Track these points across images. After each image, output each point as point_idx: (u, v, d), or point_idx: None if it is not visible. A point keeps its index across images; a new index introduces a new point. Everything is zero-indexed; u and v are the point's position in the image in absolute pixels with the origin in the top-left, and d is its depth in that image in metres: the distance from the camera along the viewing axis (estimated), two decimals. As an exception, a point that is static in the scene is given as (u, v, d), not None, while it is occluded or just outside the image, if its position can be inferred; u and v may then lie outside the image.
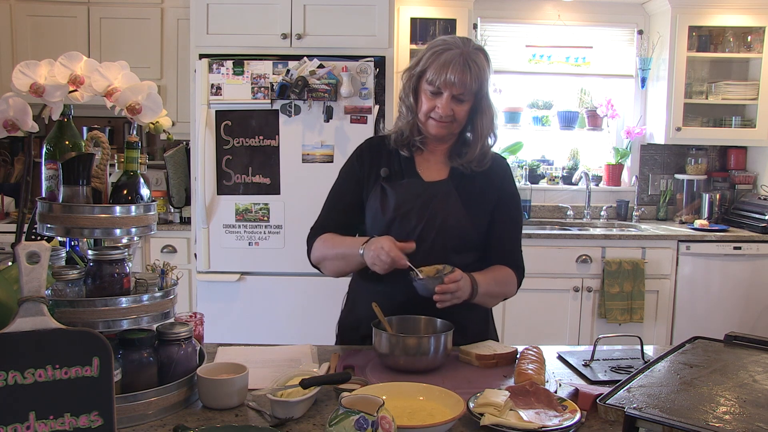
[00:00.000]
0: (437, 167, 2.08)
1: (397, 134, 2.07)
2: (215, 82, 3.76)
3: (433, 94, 1.95)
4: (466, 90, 1.93)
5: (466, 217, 2.01)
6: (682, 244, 4.36)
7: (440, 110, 1.94)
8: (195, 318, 1.85)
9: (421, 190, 2.02)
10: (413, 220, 1.98)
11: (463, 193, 2.03)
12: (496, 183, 2.08)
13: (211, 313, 2.53)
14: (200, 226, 3.85)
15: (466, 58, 1.91)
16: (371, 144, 2.15)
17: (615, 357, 1.91)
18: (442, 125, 1.98)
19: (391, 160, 2.08)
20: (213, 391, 1.50)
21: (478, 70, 1.93)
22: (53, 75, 1.54)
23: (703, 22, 4.65)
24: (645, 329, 4.30)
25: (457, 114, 1.96)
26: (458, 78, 1.90)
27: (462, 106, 1.96)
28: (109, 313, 1.44)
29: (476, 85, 1.93)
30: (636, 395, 1.37)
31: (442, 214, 1.98)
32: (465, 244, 2.03)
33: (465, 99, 1.95)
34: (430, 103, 1.96)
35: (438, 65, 1.92)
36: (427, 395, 1.52)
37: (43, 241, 1.53)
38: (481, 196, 2.05)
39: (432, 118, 1.98)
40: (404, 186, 2.03)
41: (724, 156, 5.13)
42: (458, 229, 2.00)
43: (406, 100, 2.04)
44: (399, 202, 1.99)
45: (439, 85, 1.92)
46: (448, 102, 1.93)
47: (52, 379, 1.17)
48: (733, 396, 1.37)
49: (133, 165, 1.60)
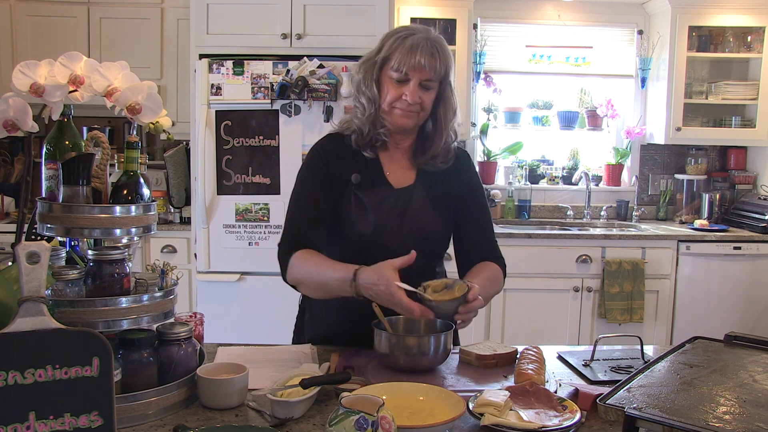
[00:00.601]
0: (403, 170, 2.01)
1: (357, 134, 1.97)
2: (215, 82, 3.76)
3: (400, 82, 1.87)
4: (435, 74, 1.86)
5: (440, 223, 1.99)
6: (682, 244, 4.36)
7: (408, 97, 1.86)
8: (195, 318, 1.85)
9: (394, 200, 1.96)
10: (393, 234, 1.93)
11: (433, 197, 1.99)
12: (462, 179, 2.04)
13: (211, 313, 2.53)
14: (200, 226, 3.85)
15: (432, 42, 1.86)
16: (332, 143, 2.02)
17: (615, 357, 1.90)
18: (409, 114, 1.90)
19: (357, 163, 1.97)
20: (213, 391, 1.50)
21: (445, 55, 1.87)
22: (53, 75, 1.54)
23: (703, 22, 4.66)
24: (645, 329, 4.30)
25: (425, 102, 1.89)
26: (427, 61, 1.83)
27: (429, 94, 1.90)
28: (109, 313, 1.44)
29: (443, 70, 1.87)
30: (636, 395, 1.37)
31: (419, 225, 1.95)
32: (440, 251, 2.06)
33: (431, 86, 1.89)
34: (396, 92, 1.87)
35: (404, 50, 1.84)
36: (427, 395, 1.52)
37: (43, 241, 1.53)
38: (447, 198, 2.01)
39: (397, 108, 1.89)
40: (379, 196, 1.95)
41: (724, 156, 5.13)
42: (435, 238, 2.00)
43: (366, 92, 1.93)
44: (377, 215, 1.93)
45: (407, 71, 1.84)
46: (416, 88, 1.86)
47: (52, 379, 1.17)
48: (733, 396, 1.37)
49: (133, 165, 1.60)
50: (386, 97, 1.90)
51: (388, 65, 1.88)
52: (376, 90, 1.92)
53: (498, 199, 4.91)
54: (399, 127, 1.94)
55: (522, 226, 4.69)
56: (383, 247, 1.88)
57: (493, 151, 4.99)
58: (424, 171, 2.00)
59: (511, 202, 4.93)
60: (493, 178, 5.01)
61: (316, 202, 1.96)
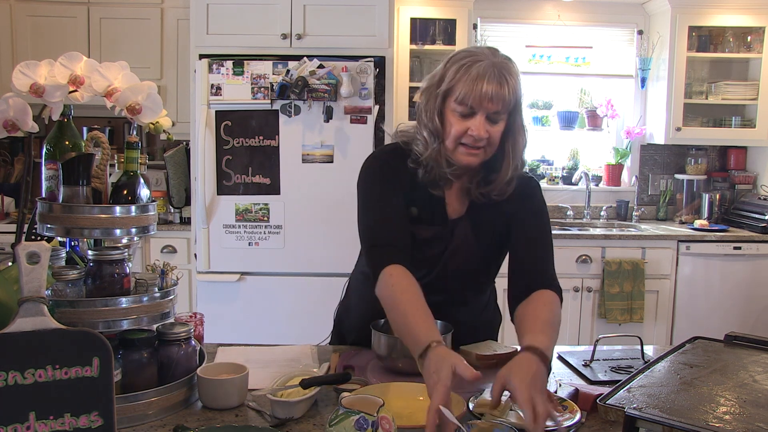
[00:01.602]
0: (458, 200, 1.86)
1: (425, 170, 1.79)
2: (215, 82, 3.76)
3: (464, 116, 1.68)
4: (503, 106, 1.68)
5: (480, 255, 1.87)
6: (682, 244, 4.36)
7: (474, 131, 1.67)
8: (195, 318, 1.85)
9: (443, 233, 1.84)
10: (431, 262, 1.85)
11: (478, 228, 1.86)
12: (512, 205, 1.84)
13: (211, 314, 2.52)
14: (200, 227, 3.85)
15: (499, 69, 1.66)
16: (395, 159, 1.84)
17: (615, 357, 1.91)
18: (475, 152, 1.71)
19: (417, 193, 1.81)
20: (213, 391, 1.50)
21: (514, 83, 1.68)
22: (53, 75, 1.54)
23: (703, 22, 4.65)
24: (645, 329, 4.30)
25: (492, 136, 1.70)
26: (495, 91, 1.64)
27: (497, 127, 1.71)
28: (109, 313, 1.44)
29: (513, 99, 1.69)
30: (636, 395, 1.37)
31: (458, 258, 1.85)
32: (480, 282, 1.96)
33: (500, 118, 1.70)
34: (461, 126, 1.69)
35: (469, 80, 1.65)
36: (426, 395, 1.52)
37: (43, 241, 1.53)
38: (493, 227, 1.86)
39: (463, 144, 1.71)
40: (430, 232, 1.83)
41: (724, 156, 5.13)
42: (474, 270, 1.90)
43: (429, 125, 1.74)
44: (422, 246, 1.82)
45: (473, 104, 1.66)
46: (482, 122, 1.67)
47: (52, 380, 1.17)
48: (733, 396, 1.37)
49: (133, 165, 1.60)
50: (451, 132, 1.71)
51: (452, 97, 1.69)
52: (440, 123, 1.73)
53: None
54: (465, 166, 1.76)
55: (522, 226, 4.67)
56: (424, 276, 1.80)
57: (493, 151, 4.98)
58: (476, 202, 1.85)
59: (511, 202, 4.92)
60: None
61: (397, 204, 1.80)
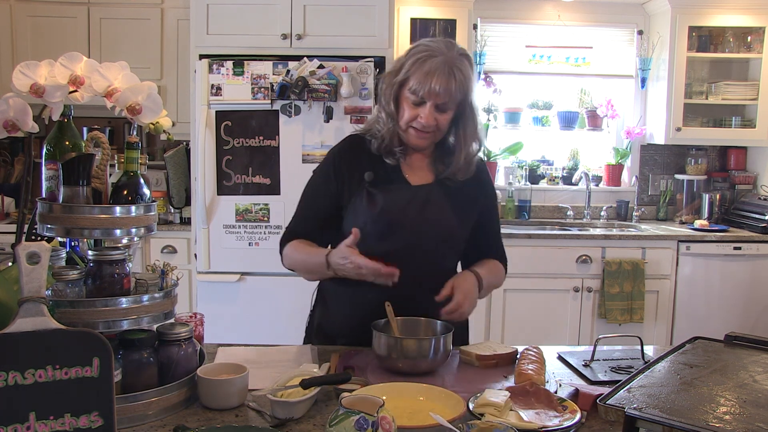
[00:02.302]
0: (422, 172, 2.03)
1: (380, 142, 2.00)
2: (215, 82, 3.76)
3: (416, 104, 1.89)
4: (451, 98, 1.88)
5: (458, 222, 2.00)
6: (682, 244, 4.36)
7: (423, 119, 1.88)
8: (195, 318, 1.85)
9: (410, 195, 1.98)
10: (406, 227, 1.94)
11: (452, 199, 2.00)
12: (481, 188, 2.09)
13: (212, 314, 2.52)
14: (200, 227, 3.85)
15: (450, 66, 1.85)
16: (352, 144, 2.07)
17: (615, 357, 1.91)
18: (423, 135, 1.93)
19: (374, 164, 2.00)
20: (213, 391, 1.50)
21: (462, 79, 1.87)
22: (53, 75, 1.54)
23: (703, 23, 4.65)
24: (645, 329, 4.30)
25: (440, 123, 1.92)
26: (443, 88, 1.84)
27: (445, 115, 1.91)
28: (110, 313, 1.44)
29: (461, 94, 1.89)
30: (636, 395, 1.37)
31: (434, 221, 1.97)
32: (453, 249, 2.06)
33: (448, 108, 1.91)
34: (413, 112, 1.90)
35: (421, 74, 1.85)
36: (427, 395, 1.52)
37: (43, 241, 1.53)
38: (469, 204, 2.04)
39: (413, 128, 1.92)
40: (393, 191, 1.97)
41: (724, 156, 5.13)
42: (450, 236, 2.01)
43: (386, 108, 1.97)
44: (390, 208, 1.95)
45: (423, 95, 1.86)
46: (431, 112, 1.88)
47: (52, 380, 1.17)
48: (733, 396, 1.37)
49: (133, 165, 1.60)
50: (404, 116, 1.93)
51: (407, 86, 1.90)
52: (394, 107, 1.95)
53: (498, 199, 4.89)
54: (414, 147, 1.99)
55: (522, 227, 4.69)
56: (399, 241, 1.93)
57: (493, 152, 4.98)
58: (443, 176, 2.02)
59: (511, 203, 4.93)
60: (493, 178, 4.98)
61: (317, 205, 2.05)
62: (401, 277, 1.82)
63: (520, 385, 1.56)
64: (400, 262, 1.82)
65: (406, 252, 1.92)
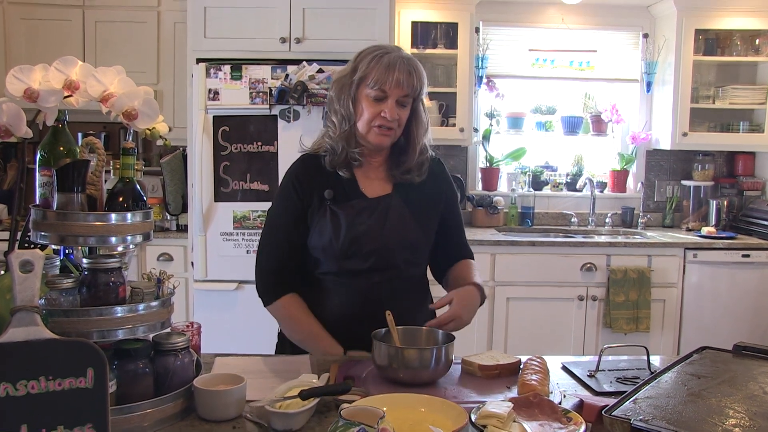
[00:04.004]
0: (379, 183, 2.07)
1: (331, 153, 2.03)
2: (213, 86, 3.77)
3: (377, 100, 1.94)
4: (412, 91, 1.94)
5: (420, 230, 2.06)
6: (689, 251, 4.36)
7: (387, 114, 1.93)
8: (192, 328, 1.85)
9: (370, 209, 2.02)
10: (370, 241, 1.99)
11: (411, 206, 2.05)
12: (439, 187, 2.14)
13: (209, 323, 2.52)
14: (197, 234, 3.85)
15: (407, 60, 1.94)
16: (305, 165, 2.09)
17: (621, 367, 1.90)
18: (386, 133, 1.97)
19: (330, 181, 2.03)
20: (210, 402, 1.50)
21: (419, 74, 1.96)
22: (48, 80, 1.54)
23: (710, 26, 4.66)
24: (651, 339, 4.29)
25: (401, 119, 1.97)
26: (406, 79, 1.91)
27: (404, 111, 1.97)
28: (104, 322, 1.44)
29: (419, 87, 1.96)
30: (642, 407, 1.37)
31: (400, 234, 2.01)
32: (420, 257, 2.11)
33: (407, 104, 1.97)
34: (374, 110, 1.94)
35: (382, 68, 1.92)
36: (428, 407, 1.52)
37: (36, 249, 1.53)
38: (428, 206, 2.10)
39: (375, 126, 1.96)
40: (353, 207, 2.01)
41: (732, 162, 5.13)
42: (415, 244, 2.06)
43: (342, 110, 2.00)
44: (351, 224, 1.98)
45: (386, 88, 1.92)
46: (393, 105, 1.93)
47: (45, 391, 1.16)
48: (742, 408, 1.37)
49: (128, 171, 1.60)
50: (364, 115, 1.97)
51: (365, 83, 1.95)
52: (352, 108, 1.99)
53: (500, 206, 4.91)
54: (376, 146, 2.02)
55: (525, 234, 4.69)
56: (365, 258, 1.98)
57: (495, 157, 4.99)
58: (401, 184, 2.07)
59: (514, 209, 4.93)
60: (495, 184, 5.02)
61: (285, 225, 2.06)
62: (374, 291, 1.98)
63: (524, 396, 1.56)
64: (368, 277, 1.96)
65: (374, 266, 1.99)
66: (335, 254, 1.98)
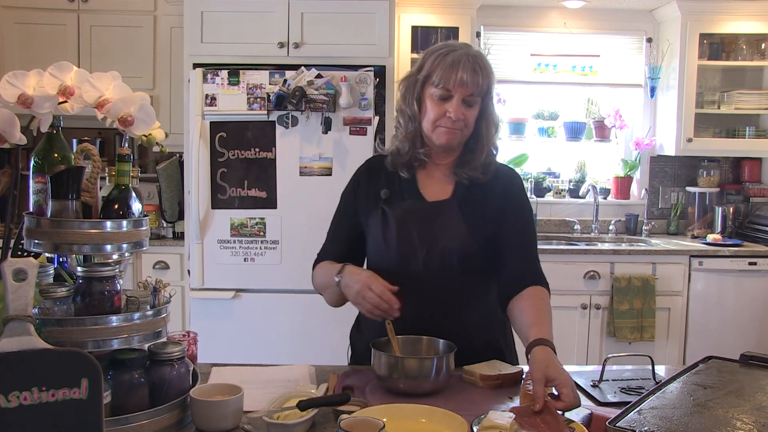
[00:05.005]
0: (441, 185, 2.03)
1: (394, 154, 2.03)
2: (210, 92, 3.77)
3: (442, 99, 1.91)
4: (477, 90, 1.90)
5: (469, 237, 1.96)
6: (694, 259, 4.35)
7: (452, 114, 1.90)
8: (188, 337, 1.85)
9: (423, 213, 1.98)
10: (416, 244, 1.95)
11: (467, 211, 1.98)
12: (500, 194, 2.02)
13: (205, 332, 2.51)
14: (194, 242, 3.85)
15: (473, 58, 1.90)
16: (370, 167, 2.12)
17: (625, 377, 1.90)
18: (453, 132, 1.93)
19: (390, 181, 2.04)
20: (207, 413, 1.49)
21: (487, 71, 1.92)
22: (42, 85, 1.54)
23: (715, 29, 4.67)
24: (656, 348, 4.28)
25: (468, 118, 1.93)
26: (470, 77, 1.88)
27: (472, 111, 1.94)
28: (99, 332, 1.43)
29: (486, 85, 1.92)
30: (647, 418, 1.36)
31: (446, 238, 1.95)
32: (471, 266, 1.99)
33: (474, 102, 1.93)
34: (439, 109, 1.91)
35: (446, 66, 1.89)
36: (429, 417, 1.51)
37: (30, 257, 1.52)
38: (483, 211, 1.99)
39: (441, 126, 1.93)
40: (405, 207, 1.99)
41: (738, 168, 5.13)
42: (467, 253, 1.96)
43: (407, 110, 1.99)
44: (400, 225, 1.96)
45: (450, 87, 1.88)
46: (459, 104, 1.90)
47: (38, 402, 1.16)
48: (750, 420, 1.36)
49: (124, 178, 1.60)
50: (429, 115, 1.94)
51: (430, 82, 1.92)
52: (417, 108, 1.97)
53: None
54: (443, 146, 1.98)
55: (528, 241, 4.67)
56: (409, 261, 1.95)
57: (497, 163, 4.99)
58: (462, 184, 2.01)
59: (517, 216, 4.92)
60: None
61: (343, 228, 2.11)
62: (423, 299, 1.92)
63: (526, 405, 1.55)
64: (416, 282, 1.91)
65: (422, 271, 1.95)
66: (385, 255, 1.98)
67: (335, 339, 2.43)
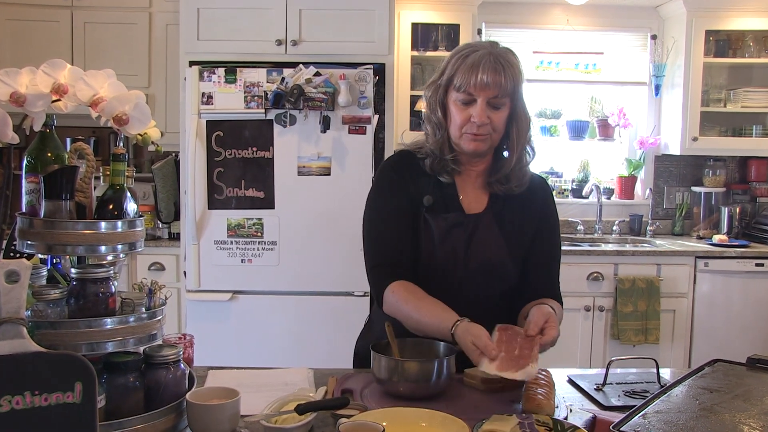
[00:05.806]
0: (476, 193, 2.01)
1: (432, 158, 1.97)
2: (206, 90, 3.77)
3: (465, 103, 1.86)
4: (501, 91, 1.84)
5: (506, 252, 1.96)
6: (699, 260, 4.36)
7: (476, 118, 1.84)
8: (184, 340, 1.85)
9: (464, 227, 1.95)
10: (458, 261, 1.94)
11: (503, 225, 1.97)
12: (536, 208, 2.02)
13: (202, 335, 2.51)
14: (190, 243, 3.85)
15: (496, 56, 1.84)
16: (404, 159, 2.02)
17: (629, 381, 1.90)
18: (479, 138, 1.88)
19: (431, 185, 1.97)
20: (203, 417, 1.49)
21: (512, 69, 1.85)
22: (35, 83, 1.54)
23: (721, 26, 4.67)
24: (661, 351, 4.29)
25: (495, 122, 1.87)
26: (491, 78, 1.81)
27: (499, 113, 1.88)
28: (93, 335, 1.43)
29: (511, 85, 1.85)
30: (652, 422, 1.36)
31: (485, 254, 1.94)
32: (505, 282, 2.00)
33: (501, 104, 1.87)
34: (463, 114, 1.86)
35: (466, 68, 1.83)
36: (429, 421, 1.51)
37: (22, 258, 1.52)
38: (520, 227, 1.99)
39: (467, 133, 1.88)
40: (449, 222, 1.95)
41: (744, 167, 5.13)
42: (503, 268, 1.97)
43: (432, 117, 1.94)
44: (442, 238, 1.93)
45: (471, 90, 1.83)
46: (483, 108, 1.84)
47: (31, 407, 1.16)
48: (758, 424, 1.36)
49: (119, 178, 1.60)
50: (454, 121, 1.90)
51: (452, 86, 1.88)
52: (441, 114, 1.92)
53: None
54: (471, 153, 1.94)
55: (530, 242, 4.68)
56: (447, 275, 1.93)
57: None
58: (497, 195, 1.99)
59: (519, 217, 4.93)
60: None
61: (400, 216, 1.96)
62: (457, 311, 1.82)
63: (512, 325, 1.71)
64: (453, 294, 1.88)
65: (453, 282, 1.94)
66: (422, 263, 1.95)
67: (334, 341, 2.44)
